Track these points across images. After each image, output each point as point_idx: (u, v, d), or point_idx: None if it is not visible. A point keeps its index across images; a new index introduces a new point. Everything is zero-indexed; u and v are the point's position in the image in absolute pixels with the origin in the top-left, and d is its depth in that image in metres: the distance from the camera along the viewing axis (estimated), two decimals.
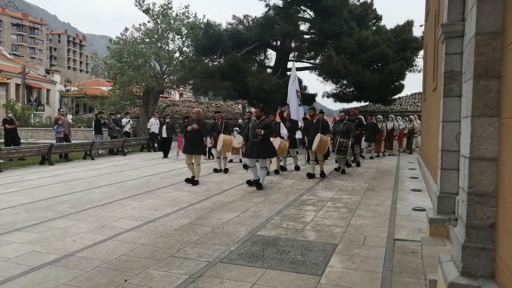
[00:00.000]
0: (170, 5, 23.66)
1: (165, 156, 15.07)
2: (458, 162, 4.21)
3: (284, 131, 10.46)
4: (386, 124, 15.90)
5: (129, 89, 24.74)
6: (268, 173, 9.51)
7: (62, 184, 9.02)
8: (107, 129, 17.11)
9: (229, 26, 22.44)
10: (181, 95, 51.16)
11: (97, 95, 35.34)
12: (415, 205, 6.62)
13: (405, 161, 13.66)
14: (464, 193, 2.74)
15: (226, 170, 10.77)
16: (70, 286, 3.50)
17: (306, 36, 22.90)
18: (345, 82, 21.80)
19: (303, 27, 22.62)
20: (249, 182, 8.51)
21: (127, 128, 18.15)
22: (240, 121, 16.09)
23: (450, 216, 4.37)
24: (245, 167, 10.44)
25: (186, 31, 23.68)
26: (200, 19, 23.92)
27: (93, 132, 17.81)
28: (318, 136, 9.41)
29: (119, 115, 20.45)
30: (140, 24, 24.58)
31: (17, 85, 33.06)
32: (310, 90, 23.35)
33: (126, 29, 24.85)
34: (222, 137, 10.52)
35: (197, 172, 8.88)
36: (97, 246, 4.60)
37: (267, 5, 21.50)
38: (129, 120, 19.12)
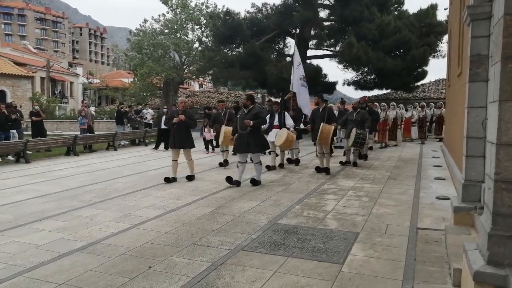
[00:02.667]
0: None
1: (165, 148, 13.89)
2: (484, 149, 4.10)
3: (289, 121, 9.44)
4: (388, 113, 14.62)
5: (150, 80, 25.03)
6: (274, 168, 9.25)
7: (87, 174, 9.26)
8: (127, 120, 17.19)
9: (247, 15, 22.30)
10: (200, 85, 51.44)
11: (119, 86, 35.98)
12: (438, 194, 6.50)
13: (429, 149, 13.38)
14: (490, 180, 2.67)
15: (225, 162, 9.97)
16: (97, 272, 3.61)
17: (326, 23, 22.53)
18: (366, 69, 21.41)
19: (323, 13, 22.28)
20: (229, 179, 7.44)
21: (149, 119, 18.32)
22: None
23: (475, 204, 4.27)
24: (221, 164, 9.87)
25: (205, 20, 23.68)
26: (219, 9, 23.87)
27: (115, 123, 18.02)
28: (321, 125, 8.64)
29: (140, 106, 20.72)
30: (159, 15, 24.74)
31: (42, 79, 33.95)
32: (330, 78, 23.03)
33: (146, 21, 25.06)
34: (224, 128, 9.72)
35: (191, 167, 8.12)
36: (122, 234, 4.72)
37: None
38: (151, 111, 19.30)
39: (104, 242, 4.42)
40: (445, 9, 14.01)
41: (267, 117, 9.65)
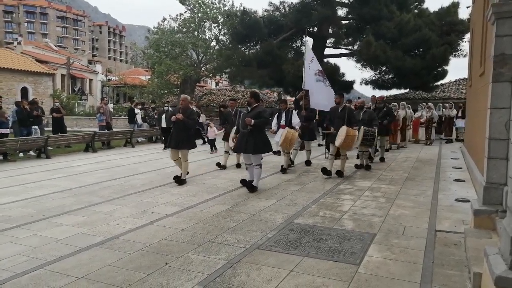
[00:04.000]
0: None
1: (165, 147, 13.37)
2: (507, 151, 4.00)
3: (296, 120, 8.92)
4: (399, 112, 13.81)
5: (167, 78, 25.27)
6: (283, 169, 8.69)
7: (106, 170, 9.41)
8: (135, 117, 16.88)
9: (265, 13, 22.29)
10: (217, 83, 51.66)
11: (137, 84, 36.43)
12: (458, 196, 6.37)
13: (448, 150, 13.13)
14: None
15: (221, 166, 9.40)
16: (115, 267, 3.67)
17: (344, 22, 22.35)
18: (384, 68, 21.14)
19: (341, 12, 22.07)
20: (243, 182, 7.14)
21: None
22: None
23: (497, 207, 4.17)
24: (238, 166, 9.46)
25: (222, 19, 23.76)
26: (236, 7, 23.92)
27: (128, 120, 17.68)
28: (344, 129, 7.90)
29: (152, 104, 20.83)
30: (177, 14, 24.94)
31: (63, 76, 34.66)
32: (348, 77, 22.77)
33: (164, 19, 25.33)
34: (235, 129, 8.73)
35: (184, 169, 7.68)
36: (139, 230, 4.78)
37: None
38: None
39: (122, 238, 4.48)
40: (467, 7, 13.63)
41: (275, 117, 9.48)
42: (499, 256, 2.73)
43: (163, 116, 13.63)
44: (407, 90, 24.49)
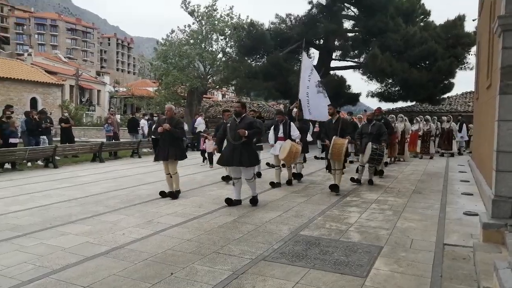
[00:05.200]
0: (215, 7, 24.10)
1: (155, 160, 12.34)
2: None
3: (295, 132, 8.53)
4: (397, 125, 13.42)
5: (174, 89, 25.48)
6: (279, 185, 8.36)
7: (112, 180, 9.45)
8: (137, 127, 16.74)
9: (271, 26, 22.51)
10: (223, 95, 51.97)
11: (144, 95, 36.77)
12: (466, 209, 6.30)
13: (455, 163, 13.03)
14: None
15: (228, 178, 8.77)
16: (121, 276, 3.67)
17: (350, 34, 22.50)
18: (390, 80, 21.19)
19: (347, 24, 22.27)
20: (228, 201, 6.66)
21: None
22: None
23: (506, 221, 4.12)
24: (225, 178, 8.91)
25: (229, 31, 24.02)
26: (243, 20, 24.18)
27: (127, 131, 17.37)
28: (333, 139, 7.66)
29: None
30: (185, 26, 25.26)
31: (71, 87, 35.12)
32: (354, 90, 22.82)
33: (173, 31, 25.61)
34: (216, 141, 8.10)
35: (176, 182, 7.40)
36: (145, 240, 4.78)
37: (310, 2, 21.37)
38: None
39: (127, 247, 4.48)
40: (473, 20, 13.65)
41: (272, 129, 8.97)
42: (509, 271, 2.69)
43: (154, 127, 12.68)
44: (413, 103, 24.45)
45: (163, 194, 7.36)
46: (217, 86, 26.85)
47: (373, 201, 7.09)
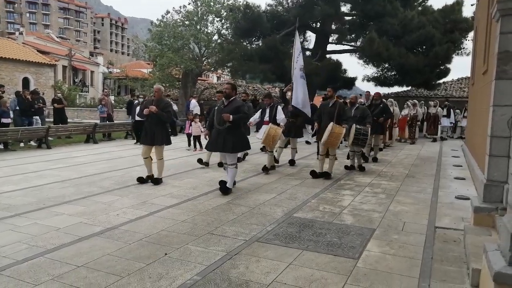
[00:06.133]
0: None
1: (136, 142, 12.63)
2: (509, 149, 4.00)
3: (281, 116, 8.10)
4: (395, 110, 13.50)
5: (169, 71, 25.19)
6: (273, 168, 8.17)
7: (106, 161, 9.42)
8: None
9: (268, 8, 22.17)
10: (218, 78, 51.54)
11: (138, 77, 36.36)
12: (458, 193, 6.37)
13: (448, 148, 13.13)
14: None
15: (206, 164, 8.69)
16: (115, 256, 3.68)
17: (347, 18, 22.22)
18: (386, 65, 21.07)
19: (344, 8, 21.95)
20: (223, 186, 6.21)
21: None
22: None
23: (497, 205, 4.17)
24: (221, 164, 8.32)
25: (225, 13, 23.65)
26: (240, 1, 23.79)
27: (126, 112, 17.22)
28: (331, 125, 7.28)
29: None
30: (180, 7, 24.81)
31: (64, 67, 34.57)
32: (350, 74, 22.76)
33: (168, 12, 25.15)
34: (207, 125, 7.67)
35: (160, 168, 6.99)
36: (139, 221, 4.79)
37: None
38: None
39: (121, 228, 4.49)
40: (471, 5, 13.58)
41: (258, 112, 8.64)
42: (499, 253, 2.74)
43: (137, 108, 11.79)
44: (409, 88, 24.44)
45: (141, 180, 6.93)
46: (212, 68, 26.56)
47: (366, 184, 7.15)
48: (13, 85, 25.90)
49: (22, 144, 12.10)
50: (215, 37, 24.64)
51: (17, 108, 12.58)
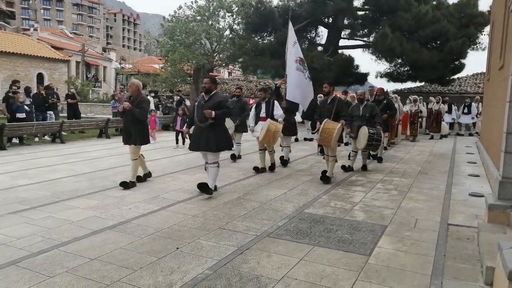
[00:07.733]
0: None
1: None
2: None
3: (279, 111, 7.65)
4: (401, 106, 12.95)
5: (180, 66, 25.30)
6: (264, 170, 7.64)
7: (118, 156, 9.52)
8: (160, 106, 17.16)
9: (280, 3, 22.10)
10: (230, 73, 51.55)
11: (150, 72, 36.59)
12: (472, 191, 6.27)
13: (462, 145, 12.93)
14: None
15: (239, 157, 8.78)
16: (127, 250, 3.73)
17: (360, 13, 22.00)
18: (399, 60, 20.82)
19: (357, 2, 21.72)
20: (202, 187, 5.73)
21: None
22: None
23: None
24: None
25: (237, 8, 23.61)
26: None
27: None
28: (324, 122, 6.69)
29: (170, 94, 20.95)
30: (192, 2, 24.86)
31: (77, 63, 34.94)
32: (362, 69, 22.56)
33: (180, 7, 25.27)
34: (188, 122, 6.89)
35: (134, 170, 6.36)
36: (151, 215, 4.83)
37: None
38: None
39: (134, 222, 4.54)
40: None
41: (253, 108, 8.18)
42: None
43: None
44: (422, 83, 24.10)
45: (124, 185, 6.15)
46: (224, 64, 26.63)
47: (378, 181, 7.09)
48: (28, 80, 26.26)
49: (36, 139, 12.30)
50: (227, 32, 24.67)
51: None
